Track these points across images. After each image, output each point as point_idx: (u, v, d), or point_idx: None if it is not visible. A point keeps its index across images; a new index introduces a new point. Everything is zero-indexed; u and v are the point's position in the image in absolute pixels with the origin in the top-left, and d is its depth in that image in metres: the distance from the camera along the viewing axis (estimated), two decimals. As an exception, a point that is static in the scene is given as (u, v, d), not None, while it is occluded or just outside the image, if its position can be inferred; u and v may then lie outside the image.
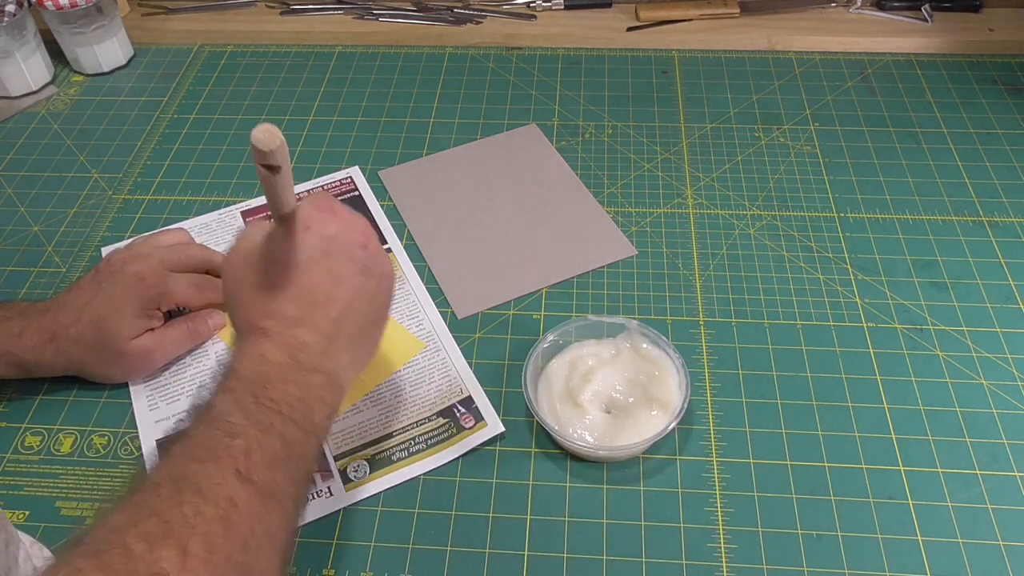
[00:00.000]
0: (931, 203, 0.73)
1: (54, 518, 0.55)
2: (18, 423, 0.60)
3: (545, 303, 0.66)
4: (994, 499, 0.53)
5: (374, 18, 0.95)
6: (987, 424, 0.57)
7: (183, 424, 0.42)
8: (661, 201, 0.74)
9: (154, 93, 0.89)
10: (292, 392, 0.42)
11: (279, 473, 0.40)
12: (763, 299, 0.66)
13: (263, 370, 0.43)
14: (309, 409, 0.43)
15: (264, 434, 0.40)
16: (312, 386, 0.44)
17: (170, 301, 0.59)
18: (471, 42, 0.93)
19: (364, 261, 0.47)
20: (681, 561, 0.51)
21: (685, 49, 0.91)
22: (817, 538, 0.52)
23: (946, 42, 0.89)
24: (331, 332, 0.45)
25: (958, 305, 0.65)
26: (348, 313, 0.46)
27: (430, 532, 0.53)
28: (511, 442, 0.58)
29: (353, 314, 0.46)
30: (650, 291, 0.67)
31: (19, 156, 0.82)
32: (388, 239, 0.71)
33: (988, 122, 0.81)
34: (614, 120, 0.83)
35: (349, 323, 0.46)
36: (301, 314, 0.45)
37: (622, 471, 0.56)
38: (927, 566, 0.50)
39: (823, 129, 0.80)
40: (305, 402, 0.43)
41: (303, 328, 0.45)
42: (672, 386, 0.57)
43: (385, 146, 0.81)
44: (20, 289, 0.69)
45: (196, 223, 0.73)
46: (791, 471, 0.55)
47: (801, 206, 0.73)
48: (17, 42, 0.86)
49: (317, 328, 0.45)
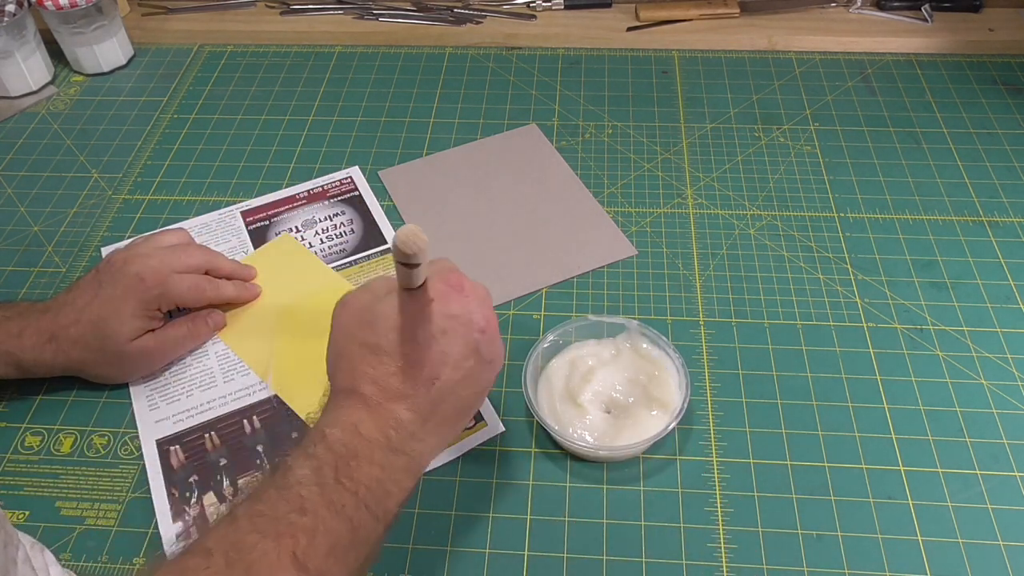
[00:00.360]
0: (931, 203, 0.73)
1: (54, 518, 0.55)
2: (18, 423, 0.60)
3: (545, 303, 0.66)
4: (994, 499, 0.53)
5: (374, 18, 0.95)
6: (987, 424, 0.57)
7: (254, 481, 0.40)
8: (661, 201, 0.74)
9: (154, 93, 0.89)
10: (374, 473, 0.41)
11: (337, 563, 0.38)
12: (763, 299, 0.66)
13: (353, 444, 0.41)
14: (386, 494, 0.42)
15: (334, 516, 0.39)
16: (394, 469, 0.42)
17: (170, 302, 0.59)
18: (471, 42, 0.93)
19: (479, 345, 0.45)
20: (681, 561, 0.51)
21: (685, 49, 0.91)
22: (817, 538, 0.52)
23: (946, 42, 0.89)
24: (428, 412, 0.44)
25: (958, 305, 0.65)
26: (448, 395, 0.44)
27: (430, 532, 0.53)
28: (511, 442, 0.58)
29: (453, 396, 0.45)
30: (650, 291, 0.67)
31: (19, 156, 0.82)
32: (388, 239, 0.71)
33: (988, 122, 0.81)
34: (614, 120, 0.83)
35: (447, 405, 0.45)
36: (405, 389, 0.43)
37: (622, 471, 0.56)
38: (927, 566, 0.50)
39: (823, 129, 0.80)
40: (383, 486, 0.42)
41: (403, 404, 0.43)
42: (672, 386, 0.57)
43: (385, 146, 0.81)
44: (20, 289, 0.69)
45: (196, 223, 0.73)
46: (791, 471, 0.55)
47: (801, 206, 0.73)
48: (17, 42, 0.86)
49: (416, 406, 0.44)
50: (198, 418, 0.59)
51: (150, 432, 0.59)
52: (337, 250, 0.71)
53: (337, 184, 0.77)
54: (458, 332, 0.44)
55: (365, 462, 0.41)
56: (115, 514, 0.55)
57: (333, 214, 0.74)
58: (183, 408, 0.60)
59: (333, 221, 0.73)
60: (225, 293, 0.63)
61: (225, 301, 0.64)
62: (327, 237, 0.72)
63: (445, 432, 0.46)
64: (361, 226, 0.73)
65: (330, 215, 0.74)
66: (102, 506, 0.55)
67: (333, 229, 0.72)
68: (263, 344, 0.63)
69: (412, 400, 0.43)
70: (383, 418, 0.43)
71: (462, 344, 0.45)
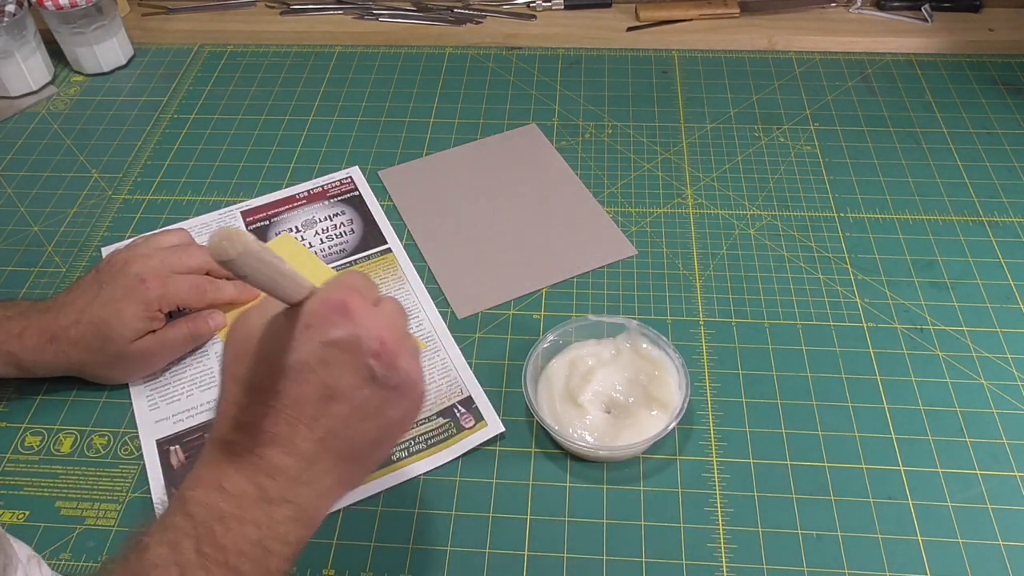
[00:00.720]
0: (931, 203, 0.73)
1: (54, 518, 0.55)
2: (18, 423, 0.60)
3: (545, 303, 0.66)
4: (994, 499, 0.53)
5: (374, 18, 0.95)
6: (987, 424, 0.57)
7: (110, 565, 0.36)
8: (661, 201, 0.74)
9: (154, 93, 0.89)
10: (248, 534, 0.36)
11: None
12: (763, 299, 0.66)
13: (217, 505, 0.36)
14: (266, 554, 0.37)
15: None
16: (275, 523, 0.37)
17: (171, 303, 0.59)
18: (471, 42, 0.93)
19: (373, 372, 0.39)
20: (681, 561, 0.51)
21: (685, 49, 0.91)
22: (817, 538, 0.52)
23: (946, 42, 0.89)
24: (312, 454, 0.38)
25: (958, 305, 0.65)
26: (341, 431, 0.39)
27: (430, 532, 0.53)
28: (511, 442, 0.58)
29: (349, 432, 0.39)
30: (650, 291, 0.67)
31: (19, 156, 0.82)
32: (388, 239, 0.71)
33: (988, 122, 0.81)
34: (614, 120, 0.83)
35: (341, 443, 0.39)
36: (279, 431, 0.38)
37: (622, 471, 0.56)
38: (927, 566, 0.50)
39: (823, 129, 0.80)
40: (262, 546, 0.37)
41: (278, 448, 0.38)
42: (672, 386, 0.57)
43: (385, 146, 0.81)
44: (20, 289, 0.69)
45: (196, 223, 0.73)
46: (791, 471, 0.55)
47: (801, 206, 0.73)
48: (17, 42, 0.86)
49: (295, 449, 0.38)
50: (198, 418, 0.59)
51: (150, 432, 0.59)
52: (337, 250, 0.71)
53: (337, 184, 0.77)
54: (342, 360, 0.38)
55: (234, 523, 0.36)
56: (115, 514, 0.55)
57: (333, 214, 0.74)
58: (183, 408, 0.60)
59: (333, 221, 0.73)
60: (226, 293, 0.63)
61: (226, 302, 0.63)
62: (327, 237, 0.72)
63: (348, 472, 0.40)
64: (361, 226, 0.73)
65: (330, 215, 0.74)
66: (102, 506, 0.55)
67: (333, 229, 0.72)
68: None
69: (289, 443, 0.38)
70: (253, 467, 0.37)
71: (349, 372, 0.38)
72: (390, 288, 0.67)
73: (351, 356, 0.38)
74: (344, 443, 0.39)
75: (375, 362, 0.38)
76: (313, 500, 0.39)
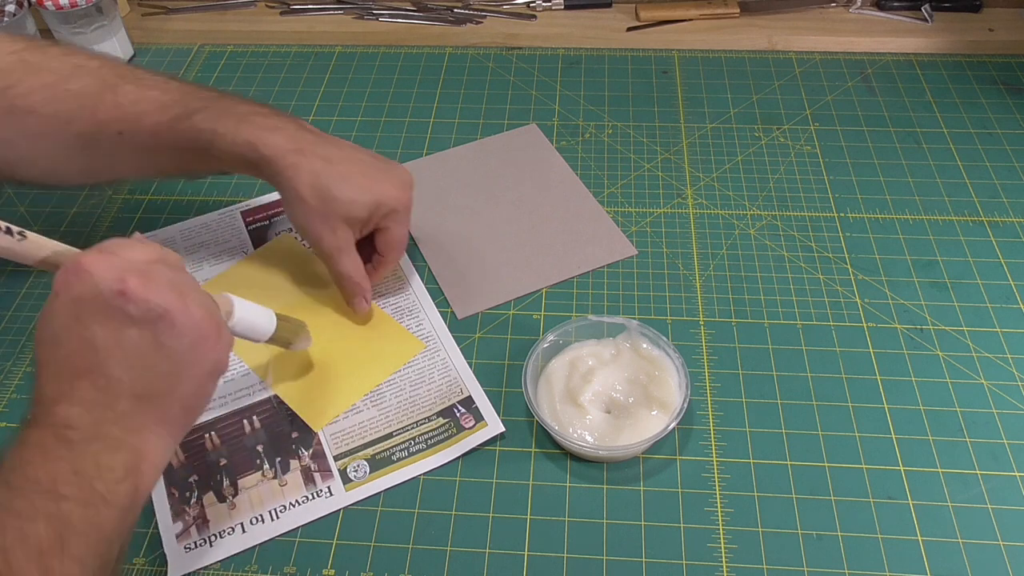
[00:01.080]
0: (931, 203, 0.73)
1: (54, 518, 0.55)
2: (18, 423, 0.60)
3: (545, 303, 0.66)
4: (994, 499, 0.53)
5: (374, 18, 0.95)
6: (987, 424, 0.57)
7: None
8: (661, 201, 0.74)
9: (154, 93, 0.89)
10: (60, 467, 0.39)
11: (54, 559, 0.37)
12: (763, 299, 0.66)
13: (19, 454, 0.40)
14: (87, 479, 0.39)
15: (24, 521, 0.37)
16: (87, 454, 0.40)
17: None
18: (471, 42, 0.93)
19: (128, 311, 0.41)
20: (681, 561, 0.51)
21: (685, 49, 0.91)
22: (817, 538, 0.52)
23: (946, 42, 0.89)
24: (103, 401, 0.41)
25: (958, 305, 0.65)
26: (121, 375, 0.41)
27: (430, 532, 0.53)
28: (511, 442, 0.58)
29: (130, 372, 0.41)
30: (650, 291, 0.67)
31: (19, 156, 0.82)
32: (388, 239, 0.71)
33: (988, 122, 0.81)
34: (614, 120, 0.83)
35: (130, 383, 0.42)
36: (59, 391, 0.41)
37: (622, 471, 0.56)
38: (927, 566, 0.51)
39: (823, 129, 0.80)
40: (80, 474, 0.39)
41: (63, 404, 0.41)
42: (672, 386, 0.57)
43: (385, 146, 0.81)
44: (20, 289, 0.69)
45: (196, 223, 0.73)
46: (791, 471, 0.55)
47: (801, 206, 0.73)
48: (17, 42, 0.86)
49: (81, 399, 0.41)
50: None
51: (150, 432, 0.59)
52: (337, 250, 0.71)
53: (337, 184, 0.76)
54: (91, 311, 0.41)
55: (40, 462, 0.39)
56: (115, 514, 0.55)
57: (333, 214, 0.74)
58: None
59: (333, 221, 0.73)
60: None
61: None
62: (327, 237, 0.72)
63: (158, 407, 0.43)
64: (361, 226, 0.73)
65: (330, 215, 0.73)
66: (102, 506, 0.55)
67: (333, 229, 0.72)
68: (263, 344, 0.63)
69: (72, 397, 0.41)
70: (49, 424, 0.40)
71: (102, 319, 0.41)
72: (390, 288, 0.67)
73: (97, 305, 0.41)
74: (134, 383, 0.42)
75: (122, 301, 0.41)
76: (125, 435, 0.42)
